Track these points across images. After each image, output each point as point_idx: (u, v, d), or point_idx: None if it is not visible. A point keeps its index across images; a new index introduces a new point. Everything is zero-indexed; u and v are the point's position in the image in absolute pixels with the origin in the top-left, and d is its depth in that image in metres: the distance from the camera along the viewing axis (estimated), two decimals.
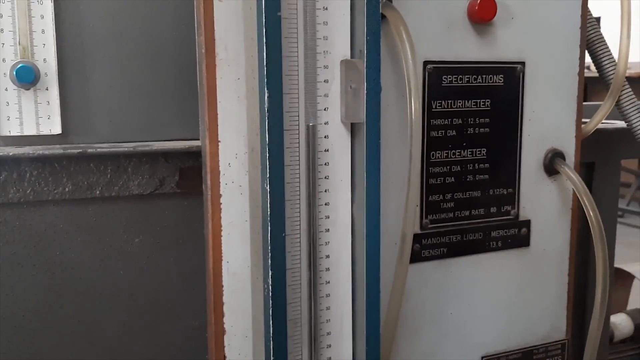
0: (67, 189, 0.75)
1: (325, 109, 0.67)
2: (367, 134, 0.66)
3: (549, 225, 0.86)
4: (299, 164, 0.66)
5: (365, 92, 0.65)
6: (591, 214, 0.80)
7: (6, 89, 0.77)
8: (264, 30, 0.61)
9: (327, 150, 0.67)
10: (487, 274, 0.83)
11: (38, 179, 0.74)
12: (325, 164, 0.67)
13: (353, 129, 0.68)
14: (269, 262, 0.63)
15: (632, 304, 1.50)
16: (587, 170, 0.99)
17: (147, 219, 0.79)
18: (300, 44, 0.65)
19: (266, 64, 0.61)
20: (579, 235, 0.90)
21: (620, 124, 1.00)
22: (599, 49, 0.90)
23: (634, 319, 1.23)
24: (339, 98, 0.67)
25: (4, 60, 0.76)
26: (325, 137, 0.67)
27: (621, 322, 1.21)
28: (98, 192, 0.76)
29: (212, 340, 0.71)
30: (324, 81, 0.66)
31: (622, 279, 1.48)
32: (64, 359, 0.78)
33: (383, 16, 0.68)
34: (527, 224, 0.85)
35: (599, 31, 0.90)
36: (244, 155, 0.69)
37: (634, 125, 0.90)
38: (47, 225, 0.75)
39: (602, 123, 0.92)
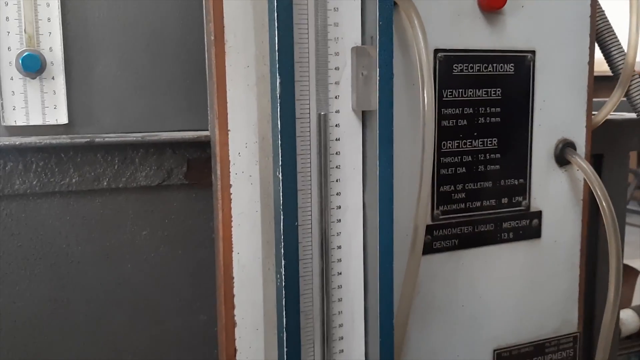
0: (73, 180, 0.73)
1: (336, 97, 0.66)
2: (380, 121, 0.65)
3: (560, 217, 0.86)
4: (310, 153, 0.65)
5: (377, 78, 0.64)
6: (604, 204, 0.79)
7: (11, 78, 0.75)
8: (276, 15, 0.60)
9: (339, 139, 0.66)
10: (498, 266, 0.83)
11: (44, 169, 0.72)
12: (337, 153, 0.66)
13: (364, 117, 0.67)
14: (282, 252, 0.62)
15: (635, 300, 1.50)
16: (596, 161, 0.98)
17: (155, 211, 0.78)
18: (311, 31, 0.64)
19: (278, 49, 0.60)
20: (587, 226, 0.89)
21: (629, 115, 1.00)
22: (608, 39, 0.90)
23: None
24: (349, 86, 0.66)
25: (9, 48, 0.75)
26: (336, 125, 0.66)
27: (628, 318, 1.20)
28: (105, 183, 0.75)
29: (223, 333, 0.70)
30: (335, 68, 0.65)
31: (627, 274, 1.48)
32: (70, 352, 0.77)
33: (394, 3, 0.67)
34: (538, 215, 0.84)
35: (608, 21, 0.90)
36: (254, 145, 0.68)
37: None
38: (53, 217, 0.74)
39: (611, 115, 0.91)
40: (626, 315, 1.20)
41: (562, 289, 0.87)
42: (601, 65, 0.91)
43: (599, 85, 0.87)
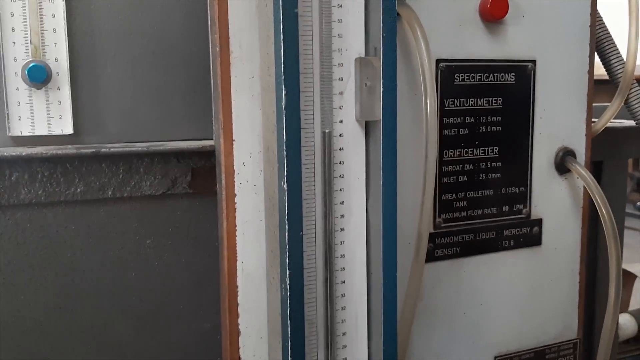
0: (79, 190, 0.74)
1: (340, 107, 0.66)
2: (384, 131, 0.65)
3: (560, 224, 0.86)
4: (314, 163, 0.65)
5: (381, 89, 0.65)
6: (604, 212, 0.80)
7: (17, 89, 0.75)
8: (282, 27, 0.60)
9: (342, 149, 0.67)
10: (499, 273, 0.83)
11: (50, 179, 0.73)
12: (340, 163, 0.67)
13: (367, 127, 0.68)
14: (287, 261, 0.63)
15: (633, 304, 1.50)
16: (595, 168, 0.99)
17: (159, 220, 0.78)
18: (316, 42, 0.64)
19: (283, 61, 0.61)
20: (587, 233, 0.90)
21: (627, 123, 1.01)
22: (607, 47, 0.90)
23: (638, 319, 1.23)
24: (353, 96, 0.67)
25: (15, 59, 0.75)
26: (340, 135, 0.67)
27: (625, 322, 1.21)
28: (110, 192, 0.75)
29: (227, 341, 0.71)
30: (339, 79, 0.66)
31: (624, 279, 1.48)
32: None
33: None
34: (538, 222, 0.85)
35: (607, 30, 0.91)
36: (259, 154, 0.69)
37: None
38: (58, 226, 0.74)
39: (610, 122, 0.92)
40: (624, 319, 1.20)
41: (563, 295, 0.88)
42: (599, 69, 0.92)
43: (597, 89, 0.88)
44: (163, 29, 0.80)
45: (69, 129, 0.78)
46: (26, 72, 0.75)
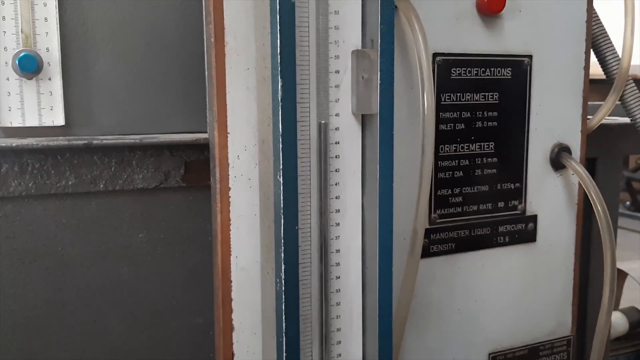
0: (70, 183, 0.73)
1: (336, 100, 0.65)
2: (381, 125, 0.64)
3: (555, 221, 0.86)
4: (310, 157, 0.64)
5: (379, 82, 0.64)
6: (599, 208, 0.80)
7: (7, 79, 0.74)
8: (278, 17, 0.59)
9: (338, 143, 0.66)
10: (494, 269, 0.83)
11: (40, 171, 0.72)
12: (336, 157, 0.66)
13: (363, 121, 0.67)
14: (282, 255, 0.62)
15: (623, 303, 1.51)
16: (589, 165, 0.99)
17: (152, 214, 0.77)
18: (312, 34, 0.63)
19: (280, 52, 0.60)
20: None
21: (622, 120, 1.01)
22: (602, 44, 0.90)
23: (629, 317, 1.23)
24: (350, 89, 0.66)
25: (5, 48, 0.73)
26: (336, 128, 0.66)
27: (616, 320, 1.22)
28: (102, 185, 0.74)
29: (220, 336, 0.70)
30: (335, 72, 0.65)
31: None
32: (66, 356, 0.76)
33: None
34: (533, 219, 0.84)
35: (603, 26, 0.90)
36: (254, 147, 0.68)
37: (637, 120, 0.90)
38: (49, 219, 0.73)
39: (605, 119, 0.92)
40: (615, 317, 1.21)
41: (557, 292, 0.88)
42: (595, 68, 0.92)
43: (592, 89, 0.88)
44: (157, 20, 0.79)
45: (60, 120, 0.77)
46: (17, 62, 0.74)
